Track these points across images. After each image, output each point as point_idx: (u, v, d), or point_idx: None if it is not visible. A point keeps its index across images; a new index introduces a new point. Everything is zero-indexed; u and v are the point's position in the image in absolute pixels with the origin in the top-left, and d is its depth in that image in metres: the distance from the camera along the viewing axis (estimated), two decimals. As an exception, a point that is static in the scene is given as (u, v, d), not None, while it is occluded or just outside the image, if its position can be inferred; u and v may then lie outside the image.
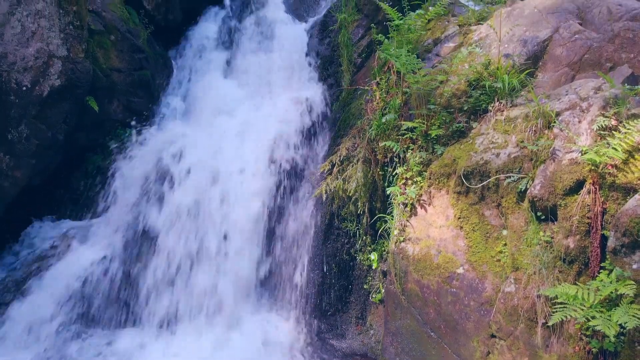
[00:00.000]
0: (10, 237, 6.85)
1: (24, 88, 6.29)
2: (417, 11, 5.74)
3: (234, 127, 6.90)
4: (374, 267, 5.52)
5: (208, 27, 8.41)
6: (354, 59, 6.96)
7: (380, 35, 5.73)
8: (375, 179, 5.34)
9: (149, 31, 7.75)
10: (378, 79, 5.70)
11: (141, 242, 6.22)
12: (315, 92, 7.19)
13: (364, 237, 5.58)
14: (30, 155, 6.45)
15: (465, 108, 4.83)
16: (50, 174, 6.96)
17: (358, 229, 5.61)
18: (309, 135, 6.69)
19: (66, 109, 6.67)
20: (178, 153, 6.65)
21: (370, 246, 5.62)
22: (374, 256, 5.43)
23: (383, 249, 5.51)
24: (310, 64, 7.57)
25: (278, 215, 6.07)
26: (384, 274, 5.39)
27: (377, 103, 5.57)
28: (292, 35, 7.91)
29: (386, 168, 5.33)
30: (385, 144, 4.96)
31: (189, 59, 8.18)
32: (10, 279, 6.06)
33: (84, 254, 6.19)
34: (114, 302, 5.64)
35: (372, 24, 6.94)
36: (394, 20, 5.63)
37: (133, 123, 7.37)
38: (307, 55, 7.65)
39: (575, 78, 4.70)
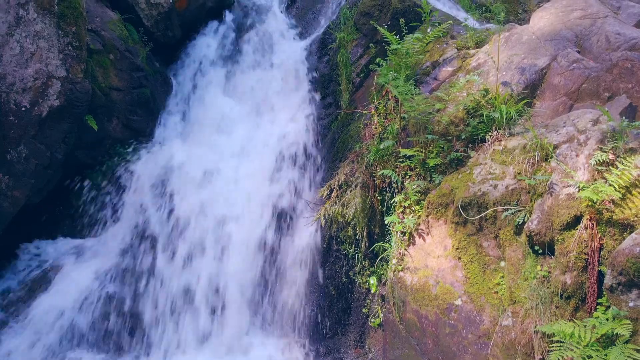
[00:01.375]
0: (7, 256, 6.85)
1: (23, 109, 6.31)
2: (416, 34, 5.73)
3: (233, 147, 6.91)
4: (372, 291, 5.52)
5: (208, 43, 8.40)
6: (352, 78, 6.96)
7: (378, 59, 5.73)
8: (373, 204, 5.35)
9: (149, 48, 7.75)
10: (376, 103, 5.70)
11: (141, 264, 6.22)
12: (314, 111, 7.19)
13: (363, 262, 5.58)
14: (30, 175, 6.46)
15: (463, 137, 4.84)
16: (49, 192, 6.98)
17: (357, 252, 5.61)
18: (308, 155, 6.69)
19: (65, 128, 6.67)
20: (177, 173, 6.66)
21: (369, 269, 5.63)
22: (372, 280, 5.44)
23: (382, 272, 5.52)
24: (309, 82, 7.57)
25: (277, 237, 6.06)
26: (383, 298, 5.40)
27: (375, 127, 5.57)
28: (292, 52, 7.91)
29: (384, 193, 5.33)
30: (383, 173, 4.97)
31: (189, 75, 8.18)
32: (6, 301, 6.08)
33: (81, 276, 6.20)
34: (111, 329, 5.64)
35: (371, 44, 6.95)
36: (392, 44, 5.63)
37: (132, 141, 7.38)
38: (306, 72, 7.64)
39: (574, 107, 4.70)
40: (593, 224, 3.84)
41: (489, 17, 9.25)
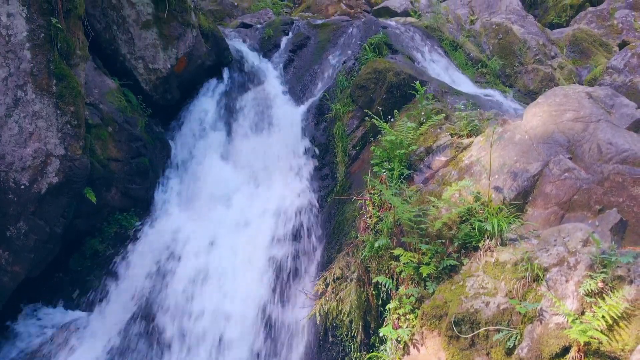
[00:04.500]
0: (7, 319, 6.92)
1: (22, 186, 6.37)
2: (409, 124, 5.79)
3: (230, 220, 6.97)
4: (368, 383, 5.60)
5: (206, 103, 8.44)
6: (348, 150, 7.02)
7: (373, 147, 5.80)
8: (369, 298, 5.42)
9: (147, 114, 7.80)
10: (371, 191, 5.76)
11: (143, 340, 6.30)
12: (310, 182, 7.25)
13: (359, 353, 5.66)
14: (29, 250, 6.54)
15: (456, 243, 4.91)
16: (48, 263, 7.06)
17: (352, 343, 5.69)
18: (304, 232, 6.74)
19: (64, 203, 6.75)
20: (174, 250, 6.73)
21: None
22: (368, 376, 5.50)
23: (377, 360, 5.59)
24: (305, 150, 7.62)
25: (272, 322, 6.13)
26: (378, 389, 5.47)
27: (370, 218, 5.64)
28: (289, 118, 7.96)
29: (380, 287, 5.40)
30: (378, 280, 5.05)
31: (187, 137, 8.23)
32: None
33: (82, 355, 6.28)
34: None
35: (366, 117, 7.00)
36: (386, 135, 5.69)
37: (131, 208, 7.45)
38: (303, 140, 7.69)
39: (565, 217, 4.76)
40: (581, 355, 3.92)
41: (485, 72, 9.33)
